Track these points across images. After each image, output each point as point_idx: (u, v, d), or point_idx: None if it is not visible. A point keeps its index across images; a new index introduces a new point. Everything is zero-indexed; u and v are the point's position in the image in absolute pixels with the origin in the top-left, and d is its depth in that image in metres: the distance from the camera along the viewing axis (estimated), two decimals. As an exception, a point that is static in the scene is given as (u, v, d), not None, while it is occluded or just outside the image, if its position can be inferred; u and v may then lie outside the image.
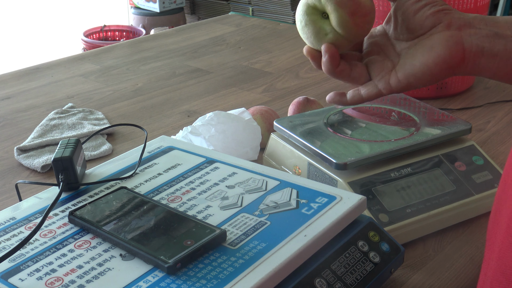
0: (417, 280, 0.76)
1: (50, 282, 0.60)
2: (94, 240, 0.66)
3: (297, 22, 0.67)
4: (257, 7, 3.39)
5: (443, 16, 0.62)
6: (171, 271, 0.60)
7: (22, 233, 0.69)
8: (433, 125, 0.92)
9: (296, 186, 0.74)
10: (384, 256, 0.71)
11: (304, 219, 0.68)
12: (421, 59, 0.63)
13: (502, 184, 0.53)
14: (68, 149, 0.77)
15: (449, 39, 0.61)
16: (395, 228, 0.79)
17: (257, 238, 0.65)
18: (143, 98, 1.34)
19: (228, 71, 1.48)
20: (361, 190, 0.81)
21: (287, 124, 0.93)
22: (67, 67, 1.55)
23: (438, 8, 0.62)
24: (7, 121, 1.25)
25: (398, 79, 0.65)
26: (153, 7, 3.48)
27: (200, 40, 1.73)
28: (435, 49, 0.62)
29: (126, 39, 3.32)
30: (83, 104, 1.31)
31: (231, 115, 1.02)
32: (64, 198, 0.75)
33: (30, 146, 1.09)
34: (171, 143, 0.88)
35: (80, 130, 1.16)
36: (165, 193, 0.75)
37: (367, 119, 0.96)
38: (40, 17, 3.80)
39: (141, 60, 1.58)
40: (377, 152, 0.84)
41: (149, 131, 1.15)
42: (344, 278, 0.66)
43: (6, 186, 1.00)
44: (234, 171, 0.79)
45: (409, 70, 0.64)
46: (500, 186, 0.54)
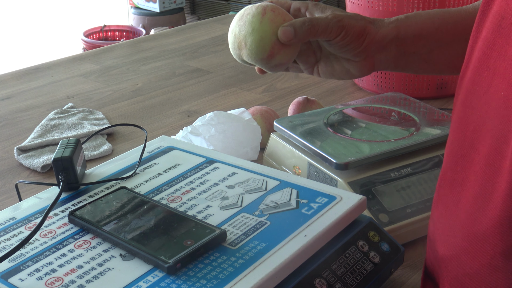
0: (417, 280, 0.76)
1: (50, 282, 0.60)
2: (94, 240, 0.66)
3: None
4: (257, 7, 3.39)
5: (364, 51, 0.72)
6: (171, 271, 0.60)
7: (22, 233, 0.69)
8: (433, 125, 0.92)
9: (296, 186, 0.74)
10: (384, 256, 0.71)
11: (304, 219, 0.68)
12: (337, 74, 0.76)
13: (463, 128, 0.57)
14: (68, 149, 0.77)
15: (364, 67, 0.74)
16: (395, 228, 0.79)
17: (257, 238, 0.65)
18: (143, 98, 1.34)
19: (228, 71, 1.48)
20: (361, 190, 0.81)
21: (287, 124, 0.93)
22: (67, 67, 1.55)
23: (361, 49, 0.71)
24: (7, 121, 1.25)
25: (318, 74, 0.77)
26: (153, 7, 3.48)
27: (200, 40, 1.73)
28: (350, 72, 0.75)
29: (126, 39, 3.32)
30: (83, 104, 1.31)
31: (231, 115, 1.02)
32: (64, 198, 0.75)
33: (30, 146, 1.09)
34: (171, 143, 0.88)
35: (80, 130, 1.16)
36: (165, 193, 0.75)
37: (367, 119, 0.96)
38: (40, 17, 3.80)
39: (141, 60, 1.58)
40: (377, 152, 0.84)
41: (149, 131, 1.15)
42: (344, 278, 0.66)
43: (6, 186, 1.00)
44: (234, 171, 0.79)
45: (327, 74, 0.76)
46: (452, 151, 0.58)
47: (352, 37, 0.69)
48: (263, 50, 0.68)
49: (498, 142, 0.52)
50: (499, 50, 0.51)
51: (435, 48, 0.72)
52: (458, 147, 0.58)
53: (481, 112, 0.54)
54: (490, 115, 0.53)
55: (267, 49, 0.68)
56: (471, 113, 0.56)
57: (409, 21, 0.72)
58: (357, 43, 0.70)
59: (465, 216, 0.56)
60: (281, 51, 0.68)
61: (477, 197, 0.55)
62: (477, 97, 0.54)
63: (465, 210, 0.56)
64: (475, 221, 0.55)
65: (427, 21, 0.71)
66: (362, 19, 0.71)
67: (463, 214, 0.57)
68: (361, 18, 0.72)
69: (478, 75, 0.54)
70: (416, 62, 0.73)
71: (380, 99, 1.01)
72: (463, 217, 0.57)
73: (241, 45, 0.69)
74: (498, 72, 0.51)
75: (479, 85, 0.54)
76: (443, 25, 0.71)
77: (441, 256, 0.62)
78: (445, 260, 0.61)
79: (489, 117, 0.53)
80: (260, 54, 0.68)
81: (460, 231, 0.57)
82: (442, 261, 0.61)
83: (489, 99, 0.52)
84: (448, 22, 0.71)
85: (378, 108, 0.99)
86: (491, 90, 0.52)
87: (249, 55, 0.69)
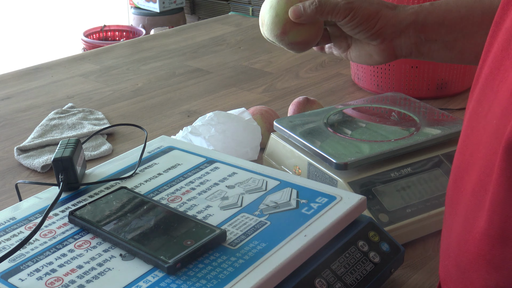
0: (417, 280, 0.76)
1: (50, 282, 0.60)
2: (94, 240, 0.66)
3: None
4: (257, 7, 3.39)
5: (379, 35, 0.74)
6: (171, 271, 0.60)
7: (22, 233, 0.69)
8: (433, 125, 0.92)
9: (296, 186, 0.74)
10: (384, 256, 0.71)
11: (304, 219, 0.68)
12: (363, 59, 0.79)
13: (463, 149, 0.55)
14: (68, 149, 0.77)
15: (384, 51, 0.76)
16: (395, 228, 0.79)
17: (257, 238, 0.65)
18: (143, 98, 1.34)
19: (228, 71, 1.48)
20: (361, 190, 0.81)
21: (287, 124, 0.93)
22: (67, 67, 1.55)
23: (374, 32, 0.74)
24: (7, 121, 1.25)
25: (351, 58, 0.81)
26: (153, 7, 3.48)
27: (200, 40, 1.73)
28: (373, 57, 0.78)
29: (126, 39, 3.32)
30: (83, 104, 1.31)
31: (231, 115, 1.02)
32: (64, 198, 0.75)
33: (30, 146, 1.09)
34: (171, 143, 0.88)
35: (80, 130, 1.16)
36: (165, 193, 0.75)
37: (367, 119, 0.96)
38: (40, 17, 3.80)
39: (141, 60, 1.58)
40: (377, 152, 0.84)
41: (149, 131, 1.15)
42: (344, 278, 0.66)
43: (6, 186, 1.00)
44: (234, 171, 0.79)
45: (356, 58, 0.80)
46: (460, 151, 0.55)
47: (361, 19, 0.71)
48: (276, 27, 0.73)
49: (484, 173, 0.49)
50: (503, 73, 0.48)
51: (460, 37, 0.71)
52: (457, 168, 0.56)
53: (478, 136, 0.52)
54: (484, 141, 0.50)
55: (280, 26, 0.73)
56: (471, 134, 0.53)
57: (433, 8, 0.71)
58: (367, 26, 0.72)
59: (455, 245, 0.54)
60: (293, 29, 0.73)
61: (463, 228, 0.53)
62: (478, 120, 0.52)
63: (455, 236, 0.54)
64: (461, 253, 0.53)
65: (452, 9, 0.70)
66: (378, 3, 0.72)
67: (454, 243, 0.55)
68: (377, 2, 0.72)
69: (483, 95, 0.52)
70: (440, 50, 0.72)
71: (380, 99, 1.02)
72: (454, 245, 0.55)
73: (263, 22, 0.75)
74: (498, 96, 0.48)
75: (482, 106, 0.51)
76: (470, 14, 0.70)
77: (440, 274, 0.60)
78: (441, 280, 0.59)
79: (483, 144, 0.50)
80: (274, 30, 0.73)
81: (451, 257, 0.56)
82: (441, 279, 0.60)
83: (486, 125, 0.50)
84: (475, 12, 0.70)
85: (378, 108, 0.99)
86: (489, 115, 0.50)
87: (267, 31, 0.75)
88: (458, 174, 0.56)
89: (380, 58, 0.77)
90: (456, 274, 0.54)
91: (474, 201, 0.51)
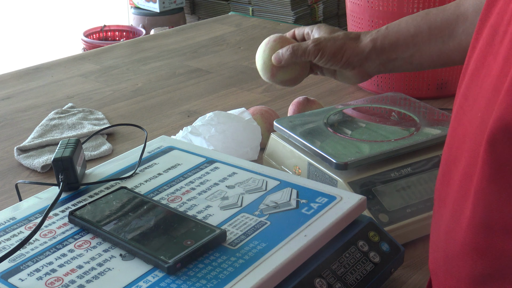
0: (417, 280, 0.76)
1: (50, 282, 0.60)
2: (94, 240, 0.66)
3: None
4: (257, 7, 3.39)
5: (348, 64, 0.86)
6: (171, 271, 0.60)
7: (22, 233, 0.69)
8: (433, 125, 0.92)
9: (296, 186, 0.74)
10: (384, 256, 0.71)
11: (304, 219, 0.68)
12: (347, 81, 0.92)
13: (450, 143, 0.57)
14: (68, 149, 0.77)
15: (358, 75, 0.87)
16: (395, 228, 0.79)
17: (257, 238, 0.65)
18: (143, 98, 1.34)
19: (228, 71, 1.48)
20: (361, 190, 0.81)
21: (287, 124, 0.93)
22: (67, 67, 1.55)
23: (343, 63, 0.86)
24: (7, 121, 1.25)
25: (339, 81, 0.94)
26: (153, 7, 3.48)
27: (200, 40, 1.73)
28: (352, 79, 0.90)
29: (126, 39, 3.32)
30: (83, 104, 1.31)
31: (231, 115, 1.02)
32: (64, 198, 0.75)
33: (30, 146, 1.09)
34: (171, 143, 0.88)
35: (80, 130, 1.16)
36: (165, 193, 0.75)
37: (367, 119, 0.96)
38: (40, 17, 3.80)
39: (141, 60, 1.58)
40: (377, 152, 0.84)
41: (149, 131, 1.15)
42: (344, 278, 0.66)
43: (6, 186, 1.00)
44: (234, 171, 0.79)
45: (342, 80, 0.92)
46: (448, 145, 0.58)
47: (329, 56, 0.83)
48: (266, 72, 0.88)
49: (469, 165, 0.51)
50: (487, 67, 0.51)
51: (415, 52, 0.81)
52: (447, 162, 0.58)
53: (464, 129, 0.54)
54: (470, 134, 0.52)
55: (268, 70, 0.87)
56: (458, 128, 0.56)
57: (387, 31, 0.81)
58: (336, 60, 0.83)
59: (444, 235, 0.56)
60: (280, 71, 0.87)
61: (451, 217, 0.55)
62: (464, 114, 0.55)
63: (444, 228, 0.56)
64: (448, 242, 0.55)
65: (403, 30, 0.80)
66: (343, 38, 0.82)
67: (442, 233, 0.57)
68: (342, 37, 0.82)
69: (469, 90, 0.54)
70: (402, 65, 0.83)
71: (380, 99, 1.02)
72: (442, 235, 0.57)
73: (257, 68, 0.90)
74: (483, 90, 0.51)
75: (468, 100, 0.54)
76: (418, 31, 0.78)
77: (430, 266, 0.62)
78: (431, 271, 0.61)
79: (469, 137, 0.52)
80: (265, 75, 0.88)
81: (439, 248, 0.58)
82: (431, 271, 0.62)
83: (472, 118, 0.52)
84: (423, 28, 0.79)
85: (378, 108, 0.99)
86: (475, 109, 0.52)
87: (261, 75, 0.90)
88: (446, 168, 0.58)
89: (357, 80, 0.89)
90: (444, 264, 0.56)
91: (461, 192, 0.53)
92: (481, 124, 0.50)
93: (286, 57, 0.84)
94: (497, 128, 0.46)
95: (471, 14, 0.74)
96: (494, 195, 0.48)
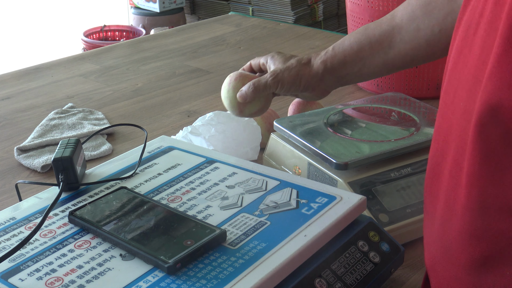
0: (417, 280, 0.76)
1: (50, 282, 0.60)
2: (94, 240, 0.66)
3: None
4: (257, 7, 3.39)
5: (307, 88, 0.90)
6: (171, 271, 0.60)
7: (22, 233, 0.69)
8: (433, 125, 0.91)
9: (296, 186, 0.74)
10: (384, 256, 0.71)
11: (304, 219, 0.68)
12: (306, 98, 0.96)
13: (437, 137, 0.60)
14: (68, 149, 0.77)
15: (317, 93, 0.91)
16: (395, 228, 0.79)
17: (257, 238, 0.65)
18: (143, 98, 1.34)
19: (228, 71, 1.47)
20: (361, 190, 0.81)
21: (287, 124, 0.93)
22: (67, 67, 1.55)
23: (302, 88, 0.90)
24: (7, 121, 1.25)
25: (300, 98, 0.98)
26: (153, 7, 3.48)
27: (200, 40, 1.73)
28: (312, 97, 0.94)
29: (126, 39, 3.32)
30: (83, 104, 1.31)
31: (231, 115, 1.02)
32: (64, 198, 0.75)
33: (30, 146, 1.09)
34: (171, 143, 0.88)
35: (80, 130, 1.16)
36: (165, 193, 0.75)
37: (367, 119, 0.96)
38: (40, 17, 3.80)
39: (141, 60, 1.58)
40: (377, 152, 0.84)
41: (149, 131, 1.15)
42: (344, 278, 0.66)
43: (6, 186, 1.00)
44: (234, 171, 0.79)
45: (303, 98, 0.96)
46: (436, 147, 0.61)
47: (287, 85, 0.87)
48: (233, 109, 0.92)
49: (457, 153, 0.53)
50: (464, 59, 0.55)
51: (362, 66, 0.86)
52: (434, 156, 0.60)
53: (449, 121, 0.56)
54: (455, 124, 0.55)
55: (235, 108, 0.91)
56: (443, 122, 0.58)
57: (334, 52, 0.86)
58: (295, 87, 0.88)
59: (438, 227, 0.58)
60: (246, 106, 0.91)
61: (445, 208, 0.56)
62: (447, 106, 0.57)
63: (438, 220, 0.58)
64: (445, 232, 0.56)
65: (348, 48, 0.85)
66: (296, 65, 0.87)
67: (437, 225, 0.58)
68: (295, 65, 0.87)
69: (449, 84, 0.58)
70: (354, 78, 0.88)
71: (380, 99, 1.02)
72: (437, 227, 0.58)
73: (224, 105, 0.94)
74: (461, 81, 0.54)
75: (448, 94, 0.57)
76: (361, 47, 0.85)
77: (426, 262, 0.63)
78: (428, 267, 0.62)
79: (454, 127, 0.55)
80: (234, 112, 0.92)
81: (435, 241, 0.59)
82: (427, 268, 0.63)
83: (454, 109, 0.55)
84: (364, 44, 0.85)
85: (378, 108, 0.99)
86: (456, 100, 0.55)
87: (229, 112, 0.94)
88: (435, 161, 0.60)
89: (317, 97, 0.93)
90: (442, 256, 0.57)
91: (452, 181, 0.54)
92: (465, 113, 0.52)
93: (249, 93, 0.88)
94: (484, 111, 0.49)
95: (405, 23, 0.80)
96: (487, 177, 0.50)
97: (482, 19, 0.52)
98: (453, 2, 0.76)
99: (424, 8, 0.78)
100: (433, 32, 0.78)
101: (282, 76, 0.87)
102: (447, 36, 0.75)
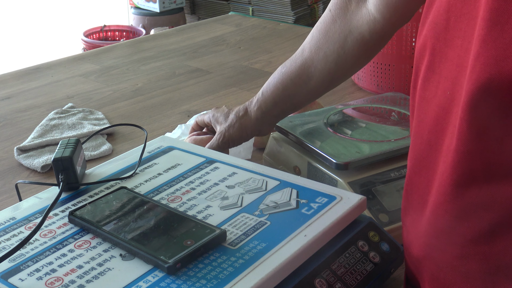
0: (417, 280, 0.76)
1: (50, 282, 0.60)
2: (94, 240, 0.66)
3: None
4: (257, 7, 3.39)
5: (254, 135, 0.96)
6: (171, 271, 0.60)
7: (22, 233, 0.69)
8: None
9: (296, 186, 0.74)
10: (384, 256, 0.71)
11: (304, 219, 0.68)
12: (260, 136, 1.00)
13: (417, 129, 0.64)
14: (68, 149, 0.77)
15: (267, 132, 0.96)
16: (395, 228, 0.79)
17: (257, 238, 0.65)
18: (143, 98, 1.34)
19: (228, 71, 1.48)
20: (361, 190, 0.81)
21: (287, 124, 0.93)
22: (67, 67, 1.55)
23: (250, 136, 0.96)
24: (7, 121, 1.25)
25: None
26: (153, 7, 3.48)
27: (200, 40, 1.73)
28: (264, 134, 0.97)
29: (126, 39, 3.32)
30: (83, 104, 1.31)
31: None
32: (64, 198, 0.75)
33: (30, 146, 1.09)
34: (171, 143, 0.88)
35: (80, 130, 1.16)
36: (165, 193, 0.75)
37: (367, 119, 0.96)
38: (40, 17, 3.80)
39: (141, 60, 1.58)
40: (377, 152, 0.84)
41: (149, 131, 1.15)
42: (344, 278, 0.66)
43: (6, 186, 1.00)
44: (234, 171, 0.79)
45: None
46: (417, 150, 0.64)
47: (237, 139, 0.93)
48: None
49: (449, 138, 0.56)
50: (440, 54, 0.59)
51: (292, 100, 0.90)
52: (420, 151, 0.63)
53: (433, 113, 0.60)
54: (441, 114, 0.58)
55: None
56: (425, 116, 0.61)
57: (264, 97, 0.91)
58: (244, 137, 0.94)
59: (431, 214, 0.60)
60: None
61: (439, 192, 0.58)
62: (428, 101, 0.61)
63: (430, 207, 0.60)
64: (438, 216, 0.59)
65: (274, 90, 0.90)
66: (237, 120, 0.92)
67: (429, 213, 0.60)
68: (236, 120, 0.92)
69: (427, 81, 0.61)
70: (291, 111, 0.93)
71: (380, 99, 1.02)
72: (429, 215, 0.60)
73: None
74: (443, 74, 0.58)
75: (429, 90, 0.60)
76: (285, 86, 0.89)
77: (416, 258, 0.64)
78: (420, 261, 0.63)
79: (441, 117, 0.58)
80: None
81: (428, 230, 0.61)
82: (418, 263, 0.64)
83: (439, 101, 0.59)
84: (287, 82, 0.89)
85: (378, 108, 0.99)
86: (439, 92, 0.59)
87: None
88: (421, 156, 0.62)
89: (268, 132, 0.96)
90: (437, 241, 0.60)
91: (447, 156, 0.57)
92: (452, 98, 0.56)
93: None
94: (475, 91, 0.52)
95: (314, 54, 0.86)
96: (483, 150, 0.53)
97: (451, 14, 0.56)
98: (349, 24, 0.82)
99: (325, 36, 0.84)
100: (339, 55, 0.84)
101: (229, 134, 0.93)
102: (352, 54, 0.83)
